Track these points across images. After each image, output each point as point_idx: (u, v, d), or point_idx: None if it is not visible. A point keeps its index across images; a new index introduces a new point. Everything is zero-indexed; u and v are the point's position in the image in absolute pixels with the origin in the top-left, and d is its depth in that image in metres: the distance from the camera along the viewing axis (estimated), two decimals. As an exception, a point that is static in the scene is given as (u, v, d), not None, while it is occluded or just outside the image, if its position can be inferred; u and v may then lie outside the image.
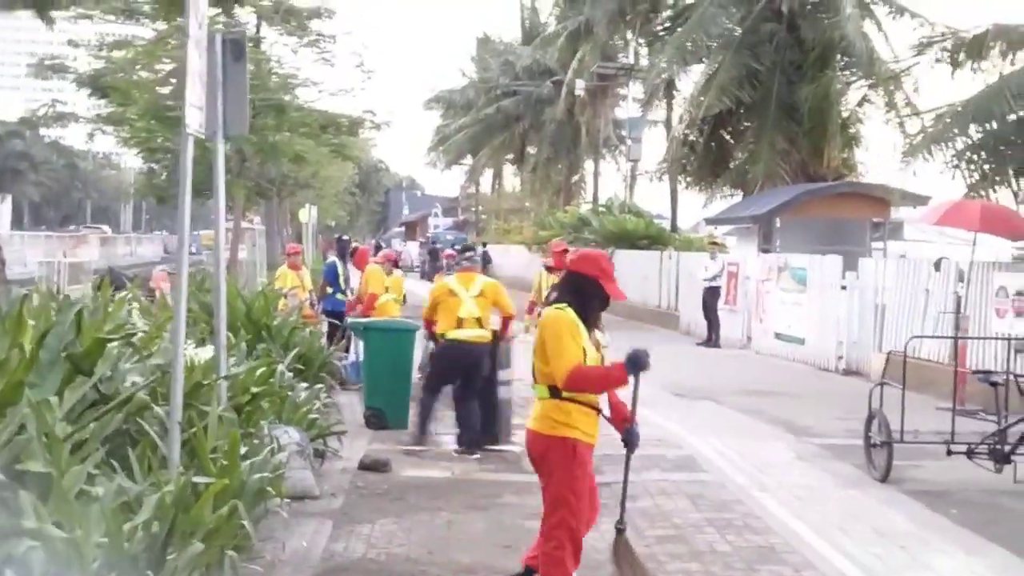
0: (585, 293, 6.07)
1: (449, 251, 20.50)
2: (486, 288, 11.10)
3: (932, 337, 15.30)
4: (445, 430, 12.04)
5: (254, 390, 8.26)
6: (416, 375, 12.13)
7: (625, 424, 6.23)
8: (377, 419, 11.30)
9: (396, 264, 16.13)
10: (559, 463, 6.01)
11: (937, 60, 19.61)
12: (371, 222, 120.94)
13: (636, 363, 5.83)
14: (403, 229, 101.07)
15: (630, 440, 6.19)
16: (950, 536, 8.41)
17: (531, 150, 57.18)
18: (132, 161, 75.47)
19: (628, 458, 6.36)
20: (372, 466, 9.84)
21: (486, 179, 70.65)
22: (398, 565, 7.10)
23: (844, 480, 10.30)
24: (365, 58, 40.50)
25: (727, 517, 8.49)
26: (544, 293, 14.17)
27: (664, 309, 28.76)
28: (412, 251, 66.54)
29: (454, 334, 10.86)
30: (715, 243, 25.51)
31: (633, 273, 32.67)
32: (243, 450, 6.43)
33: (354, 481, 9.40)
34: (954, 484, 10.06)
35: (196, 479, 5.32)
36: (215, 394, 7.06)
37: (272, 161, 27.78)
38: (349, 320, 12.55)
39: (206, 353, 8.17)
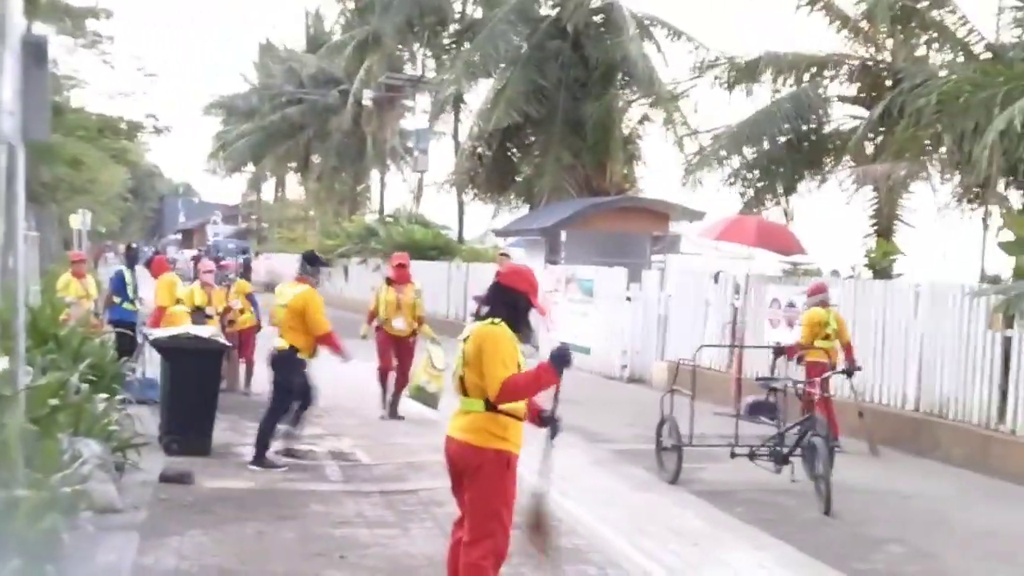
0: (518, 308, 6.18)
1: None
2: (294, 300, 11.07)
3: (719, 346, 16.08)
4: (249, 440, 11.96)
5: (52, 402, 8.01)
6: None
7: (542, 414, 6.28)
8: (177, 444, 10.87)
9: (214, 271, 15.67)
10: (494, 475, 6.01)
11: (715, 81, 20.60)
12: (144, 228, 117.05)
13: (561, 360, 5.93)
14: (180, 236, 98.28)
15: (555, 426, 6.23)
16: (739, 533, 8.94)
17: (316, 159, 56.62)
18: None
19: (551, 441, 6.31)
20: (174, 478, 9.66)
21: (269, 187, 69.57)
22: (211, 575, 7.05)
23: (638, 483, 10.76)
24: (145, 61, 39.32)
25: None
26: (385, 305, 14.21)
27: (453, 319, 29.05)
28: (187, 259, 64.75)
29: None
30: (503, 254, 25.96)
31: (426, 284, 32.89)
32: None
33: (156, 493, 9.21)
34: (738, 484, 10.67)
35: (19, 492, 5.17)
36: (16, 407, 6.83)
37: (47, 164, 26.65)
38: (152, 336, 11.98)
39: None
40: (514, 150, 31.29)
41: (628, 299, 19.88)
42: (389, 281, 14.62)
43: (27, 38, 7.49)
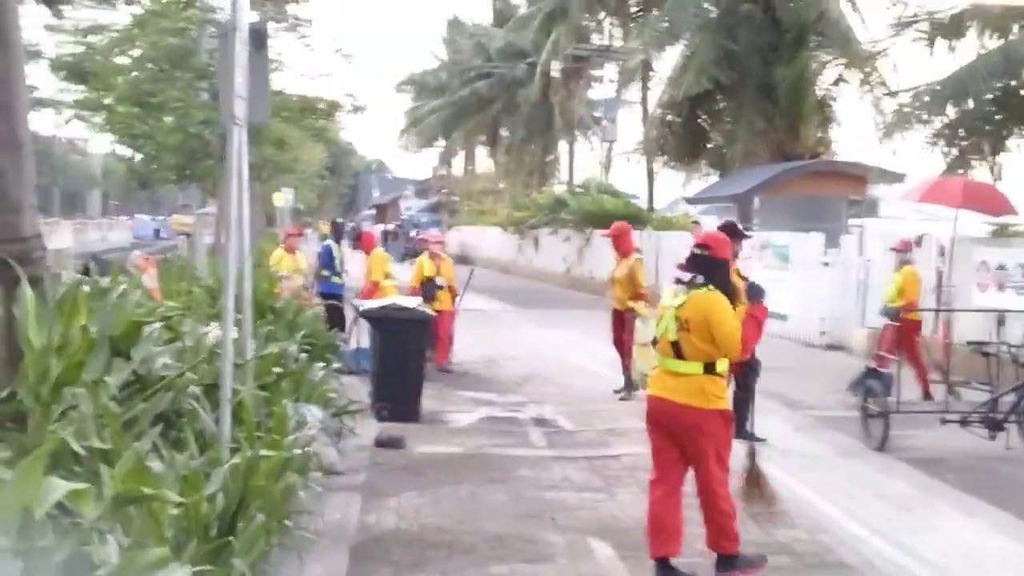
0: (726, 274, 6.72)
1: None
2: None
3: (928, 310, 15.57)
4: (454, 408, 12.40)
5: (276, 370, 8.49)
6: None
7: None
8: (388, 411, 11.35)
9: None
10: (721, 432, 6.52)
11: (914, 39, 19.94)
12: (340, 205, 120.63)
13: (758, 293, 6.84)
14: (374, 211, 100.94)
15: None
16: (951, 499, 8.78)
17: (504, 132, 57.33)
18: (98, 147, 75.06)
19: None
20: (388, 443, 10.08)
21: (458, 161, 70.74)
22: (431, 535, 7.37)
23: (843, 449, 10.65)
24: (342, 42, 40.53)
25: (738, 485, 8.77)
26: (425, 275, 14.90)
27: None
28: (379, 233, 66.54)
29: None
30: (695, 223, 25.81)
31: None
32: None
33: (372, 457, 9.65)
34: (948, 452, 10.42)
35: (264, 452, 5.54)
36: (247, 375, 7.29)
37: (256, 145, 27.81)
38: (362, 308, 12.53)
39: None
40: (704, 117, 30.95)
41: (826, 264, 19.53)
42: (432, 256, 15.42)
43: (252, 25, 7.93)
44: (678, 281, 6.67)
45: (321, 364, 10.15)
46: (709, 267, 6.63)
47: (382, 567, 6.71)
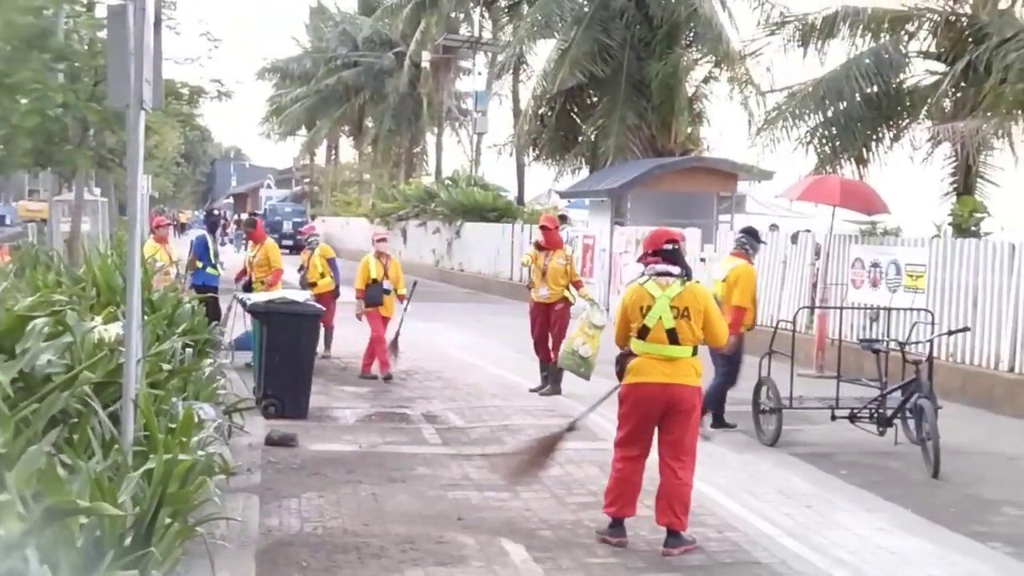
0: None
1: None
2: None
3: (821, 307, 15.83)
4: (341, 404, 12.08)
5: (166, 367, 8.07)
6: None
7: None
8: (275, 408, 10.97)
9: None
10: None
11: (788, 39, 20.28)
12: (196, 193, 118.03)
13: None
14: (232, 200, 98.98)
15: None
16: (849, 496, 8.86)
17: (371, 122, 56.67)
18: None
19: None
20: (280, 441, 9.74)
21: (322, 151, 69.71)
22: (338, 538, 7.09)
23: (738, 445, 10.69)
24: (208, 26, 39.36)
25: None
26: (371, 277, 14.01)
27: (516, 282, 29.03)
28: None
29: None
30: (562, 216, 25.87)
31: (484, 246, 32.96)
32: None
33: (265, 456, 9.30)
34: (838, 447, 10.58)
35: (182, 457, 5.19)
36: (140, 373, 6.88)
37: (117, 130, 26.77)
38: (249, 301, 12.05)
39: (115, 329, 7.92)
40: (577, 111, 31.03)
41: (702, 260, 19.72)
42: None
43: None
44: (665, 274, 7.13)
45: (208, 360, 9.73)
46: (682, 261, 7.28)
47: (292, 572, 6.41)
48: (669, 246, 7.19)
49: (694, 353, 7.13)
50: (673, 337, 7.01)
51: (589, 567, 6.79)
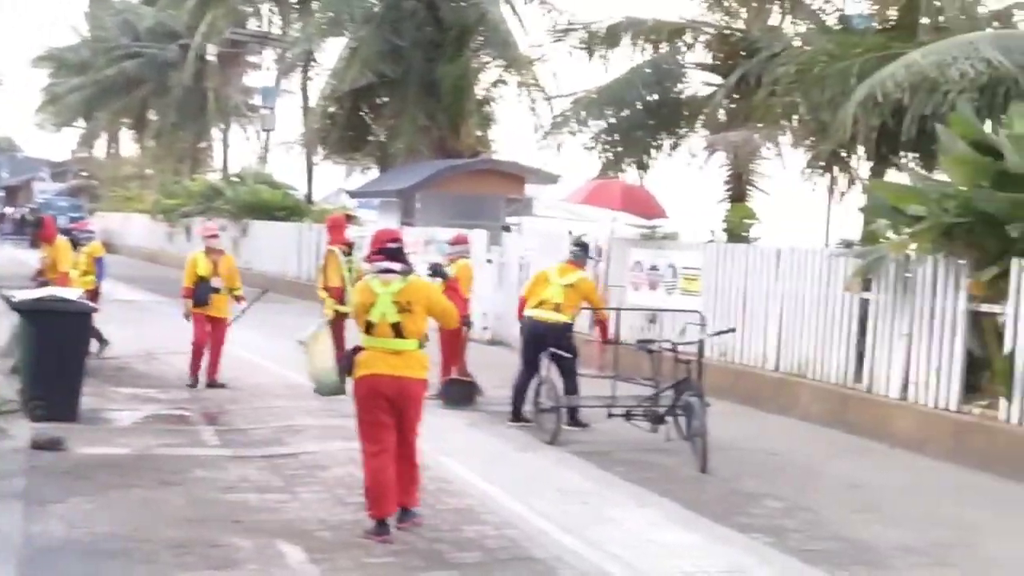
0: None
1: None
2: None
3: (598, 309, 16.18)
4: (116, 406, 11.69)
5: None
6: None
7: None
8: (42, 410, 10.47)
9: None
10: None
11: (575, 46, 20.74)
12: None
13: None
14: (3, 194, 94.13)
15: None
16: (623, 492, 9.13)
17: (154, 115, 54.78)
18: None
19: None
20: (46, 445, 9.33)
21: (101, 143, 67.02)
22: (106, 544, 6.85)
23: (518, 444, 10.88)
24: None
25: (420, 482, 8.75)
26: (199, 274, 13.51)
27: (304, 281, 28.67)
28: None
29: None
30: (349, 215, 25.71)
31: (271, 245, 32.42)
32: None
33: (29, 461, 8.90)
34: (615, 444, 10.90)
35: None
36: None
37: None
38: (13, 299, 11.45)
39: None
40: (367, 110, 30.91)
41: (489, 261, 19.96)
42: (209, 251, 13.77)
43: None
44: (387, 271, 7.42)
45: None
46: (404, 257, 7.62)
47: (56, 582, 6.17)
48: (392, 245, 7.56)
49: (420, 346, 7.45)
50: (398, 331, 7.33)
51: (367, 567, 6.79)
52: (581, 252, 12.47)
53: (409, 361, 7.37)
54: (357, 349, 7.47)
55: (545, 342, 11.55)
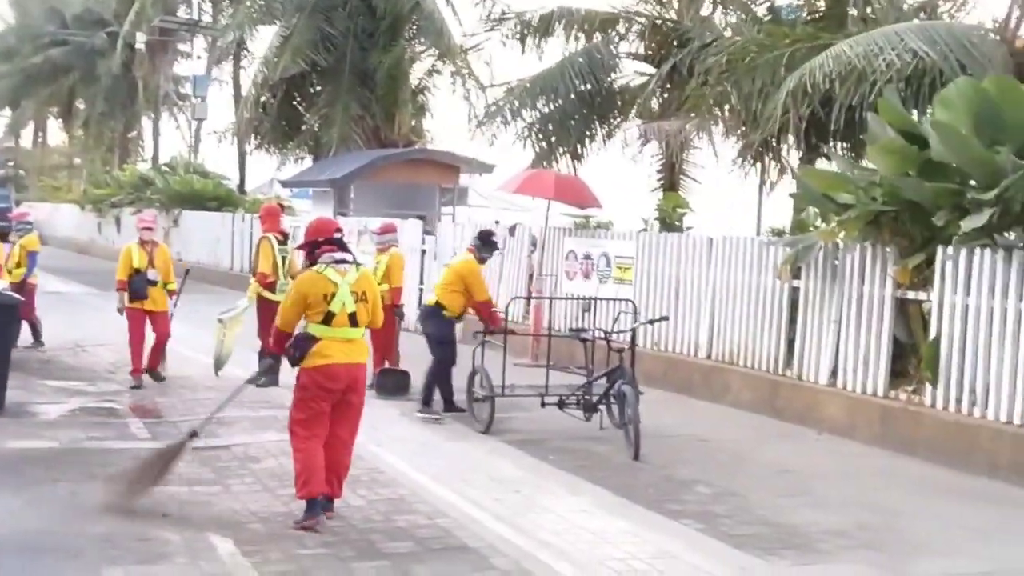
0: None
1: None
2: None
3: (531, 297, 16.28)
4: (43, 399, 11.50)
5: None
6: None
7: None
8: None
9: None
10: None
11: (508, 35, 20.78)
12: None
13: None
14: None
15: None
16: (556, 480, 9.16)
17: (82, 104, 53.93)
18: None
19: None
20: (-30, 440, 9.17)
21: (28, 132, 65.85)
22: (33, 540, 6.75)
23: (451, 433, 10.88)
24: None
25: (352, 473, 8.69)
26: (134, 266, 13.20)
27: (236, 272, 28.42)
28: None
29: None
30: (281, 204, 25.54)
31: (204, 236, 32.08)
32: None
33: (-47, 456, 8.74)
34: (548, 433, 10.93)
35: None
36: None
37: None
38: None
39: None
40: (300, 99, 30.68)
41: (423, 251, 19.90)
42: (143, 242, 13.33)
43: None
44: (343, 261, 7.50)
45: None
46: (348, 248, 7.74)
47: (-22, 580, 6.06)
48: (338, 235, 7.72)
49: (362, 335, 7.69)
50: (353, 320, 7.49)
51: (299, 558, 6.74)
52: (478, 241, 12.12)
53: (360, 348, 7.60)
54: (310, 338, 7.39)
55: (425, 325, 11.82)
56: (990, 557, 7.54)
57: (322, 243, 7.57)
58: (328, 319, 7.39)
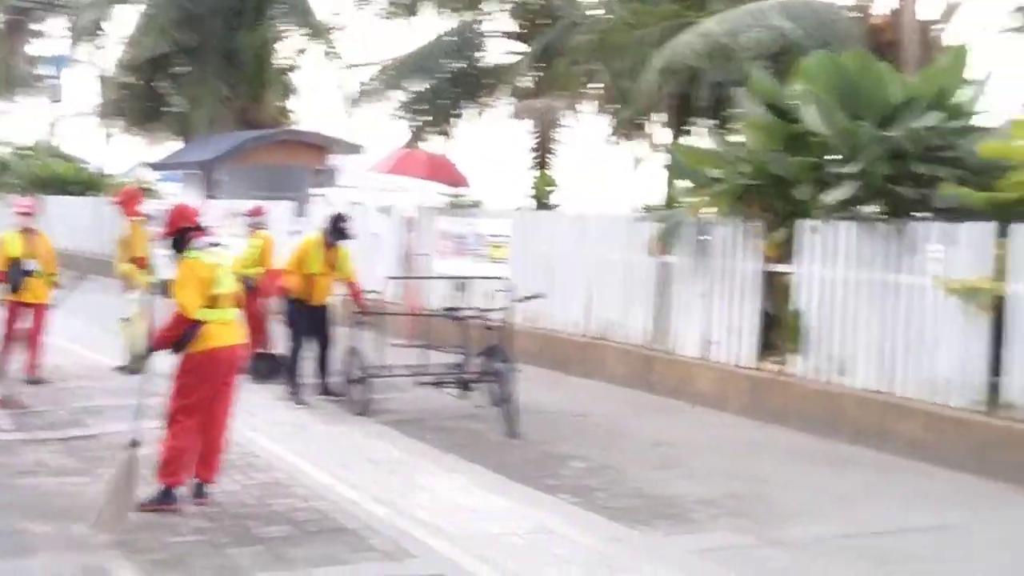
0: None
1: None
2: None
3: (407, 278, 16.22)
4: None
5: None
6: None
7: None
8: None
9: None
10: None
11: (376, 15, 20.61)
12: None
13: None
14: None
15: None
16: (433, 459, 9.17)
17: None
18: None
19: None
20: None
21: None
22: None
23: (327, 416, 10.81)
24: None
25: (227, 458, 8.54)
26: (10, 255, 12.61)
27: (100, 257, 27.63)
28: None
29: None
30: (145, 188, 24.98)
31: (66, 221, 31.08)
32: None
33: None
34: (425, 413, 10.94)
35: None
36: None
37: None
38: None
39: None
40: (166, 80, 29.94)
41: (297, 232, 19.62)
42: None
43: None
44: (217, 244, 7.67)
45: None
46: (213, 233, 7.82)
47: None
48: (201, 221, 7.73)
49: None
50: (232, 302, 7.58)
51: (172, 546, 6.61)
52: (328, 225, 11.92)
53: (241, 330, 7.69)
54: (196, 325, 7.26)
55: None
56: (854, 520, 7.80)
57: (194, 229, 7.53)
58: (215, 301, 7.39)
